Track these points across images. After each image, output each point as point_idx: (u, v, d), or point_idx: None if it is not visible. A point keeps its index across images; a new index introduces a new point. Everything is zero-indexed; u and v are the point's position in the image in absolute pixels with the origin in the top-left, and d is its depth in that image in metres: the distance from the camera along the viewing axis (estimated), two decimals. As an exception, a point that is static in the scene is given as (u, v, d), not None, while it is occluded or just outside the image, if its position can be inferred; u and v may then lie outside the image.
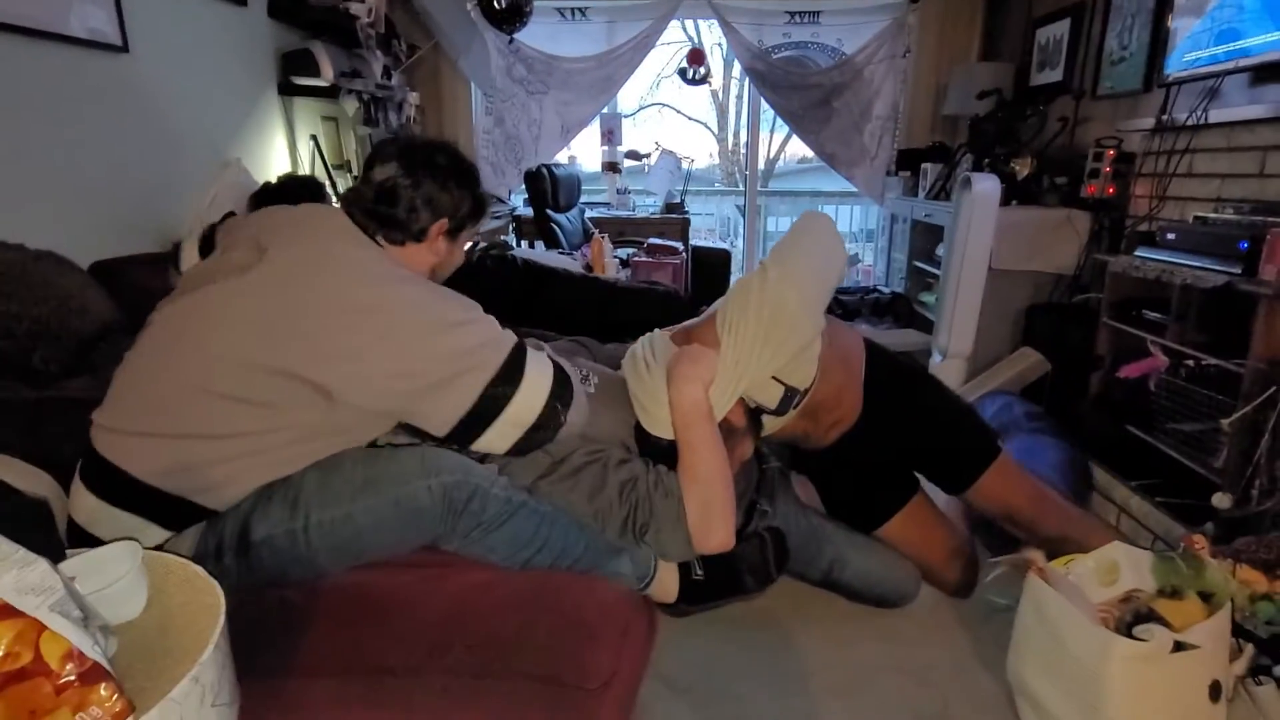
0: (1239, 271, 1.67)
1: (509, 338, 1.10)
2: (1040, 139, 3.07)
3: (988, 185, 2.49)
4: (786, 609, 1.63)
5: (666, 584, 1.28)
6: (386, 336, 0.99)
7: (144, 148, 2.11)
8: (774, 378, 1.33)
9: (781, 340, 1.30)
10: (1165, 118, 2.40)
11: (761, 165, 7.51)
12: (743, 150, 5.96)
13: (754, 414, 1.38)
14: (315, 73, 2.93)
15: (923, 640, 1.55)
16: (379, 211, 1.15)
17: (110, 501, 1.00)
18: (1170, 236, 1.97)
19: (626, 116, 6.78)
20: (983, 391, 2.52)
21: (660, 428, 1.27)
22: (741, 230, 5.08)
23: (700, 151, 7.88)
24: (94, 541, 0.96)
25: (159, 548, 0.99)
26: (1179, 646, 1.10)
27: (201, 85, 2.41)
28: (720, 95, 7.84)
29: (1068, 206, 2.75)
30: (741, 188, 5.21)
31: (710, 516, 1.20)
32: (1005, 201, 2.80)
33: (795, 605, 1.64)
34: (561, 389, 1.11)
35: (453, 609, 1.02)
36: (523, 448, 1.10)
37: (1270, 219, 1.88)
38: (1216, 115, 2.19)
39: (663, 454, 1.26)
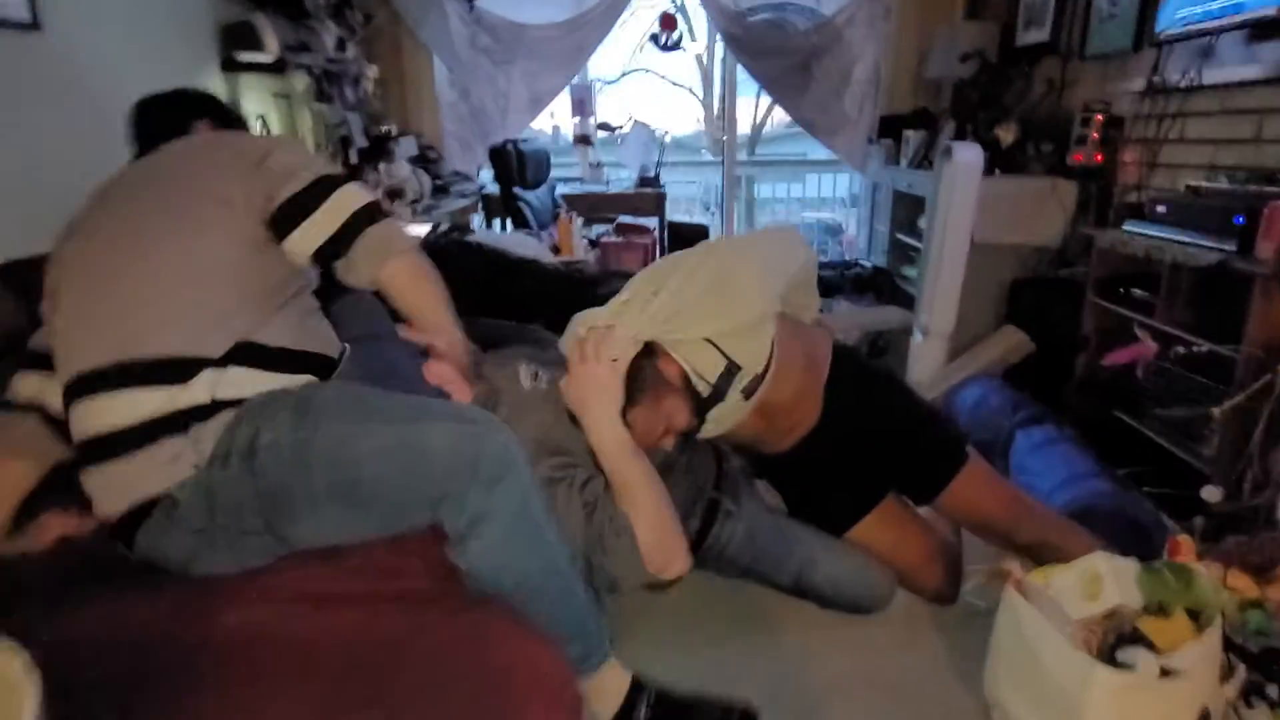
0: (1234, 248, 1.56)
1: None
2: (1026, 104, 2.93)
3: (970, 155, 2.36)
4: (751, 618, 1.55)
5: (608, 691, 1.12)
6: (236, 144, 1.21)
7: (65, 134, 1.94)
8: (710, 341, 1.25)
9: (720, 299, 1.24)
10: (1156, 79, 2.26)
11: (748, 130, 7.30)
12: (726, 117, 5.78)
13: (697, 397, 1.28)
14: (259, 47, 2.75)
15: (896, 650, 1.46)
16: (151, 131, 1.40)
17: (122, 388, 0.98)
18: (1160, 209, 1.86)
19: (609, 83, 6.56)
20: (964, 374, 2.42)
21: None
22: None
23: (687, 118, 7.67)
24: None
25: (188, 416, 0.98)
26: (1165, 673, 1.02)
27: (131, 63, 2.22)
28: (705, 59, 7.60)
29: (1053, 175, 2.62)
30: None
31: (664, 542, 1.16)
32: (989, 170, 2.67)
33: (760, 614, 1.55)
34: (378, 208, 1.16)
35: (375, 658, 0.92)
36: (341, 239, 1.10)
37: (1267, 188, 1.77)
38: (1210, 76, 2.06)
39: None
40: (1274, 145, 1.87)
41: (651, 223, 3.90)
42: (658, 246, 3.53)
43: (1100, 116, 2.44)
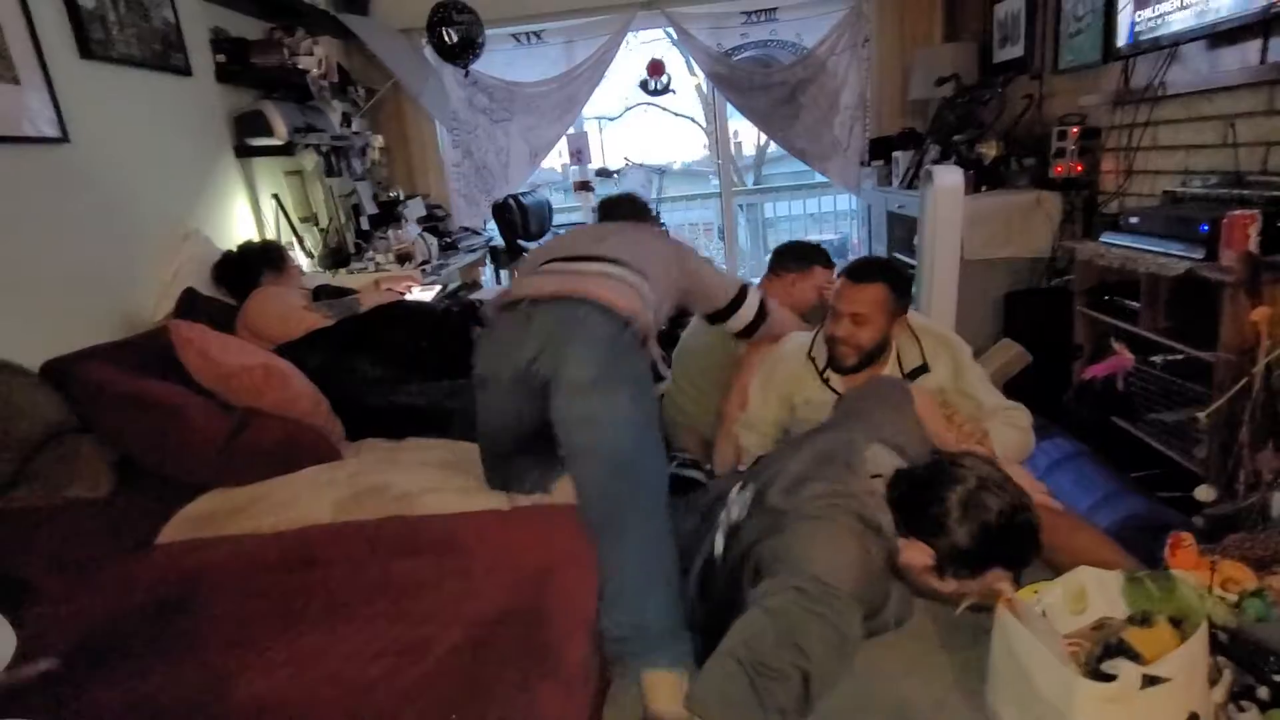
0: (1201, 256, 1.61)
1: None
2: (1006, 119, 3.00)
3: (950, 179, 2.43)
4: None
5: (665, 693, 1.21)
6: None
7: (97, 234, 2.09)
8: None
9: None
10: (1125, 89, 2.32)
11: (752, 152, 7.40)
12: (732, 141, 5.88)
13: None
14: (269, 133, 2.93)
15: (902, 671, 1.49)
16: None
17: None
18: (1133, 220, 1.90)
19: (613, 119, 6.72)
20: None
21: None
22: (739, 224, 4.96)
23: (694, 144, 7.84)
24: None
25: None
26: (1151, 681, 1.05)
27: (153, 161, 2.40)
28: (705, 88, 7.76)
29: (1038, 188, 2.68)
30: (734, 180, 5.15)
31: None
32: (975, 188, 2.73)
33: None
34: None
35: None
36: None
37: (1238, 191, 1.81)
38: (1175, 84, 2.12)
39: None
40: (1244, 148, 1.91)
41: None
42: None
43: (1076, 128, 2.50)
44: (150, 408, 1.67)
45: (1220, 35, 1.94)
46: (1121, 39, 2.26)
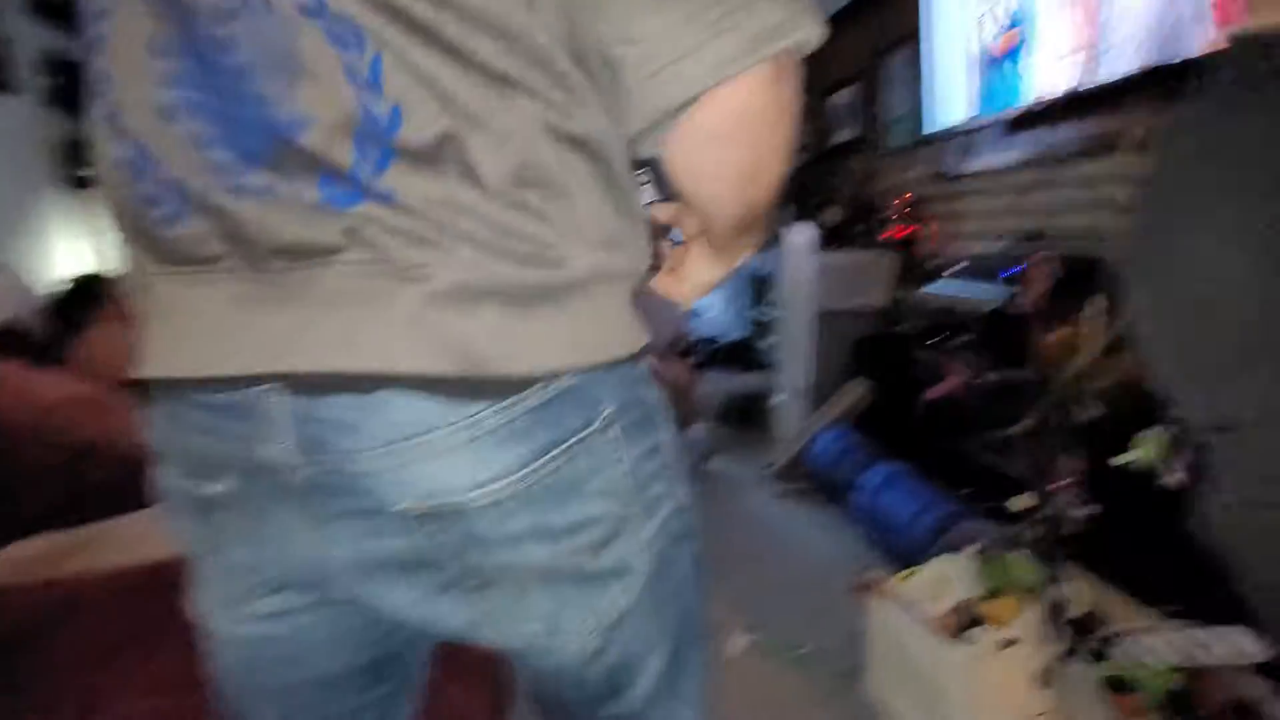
0: (1007, 296, 1.92)
1: None
2: (847, 189, 3.40)
3: (801, 237, 2.71)
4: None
5: None
6: None
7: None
8: None
9: None
10: (937, 168, 2.74)
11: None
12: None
13: None
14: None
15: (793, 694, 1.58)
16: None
17: None
18: (949, 271, 2.23)
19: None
20: (821, 424, 2.69)
21: None
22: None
23: None
24: None
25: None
26: (1006, 643, 1.20)
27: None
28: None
29: (876, 248, 3.04)
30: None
31: None
32: (824, 246, 3.05)
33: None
34: None
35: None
36: None
37: (1030, 244, 2.18)
38: (973, 166, 2.53)
39: None
40: (1030, 214, 2.31)
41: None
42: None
43: (900, 200, 2.90)
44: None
45: (1014, 122, 2.37)
46: (931, 128, 2.69)
